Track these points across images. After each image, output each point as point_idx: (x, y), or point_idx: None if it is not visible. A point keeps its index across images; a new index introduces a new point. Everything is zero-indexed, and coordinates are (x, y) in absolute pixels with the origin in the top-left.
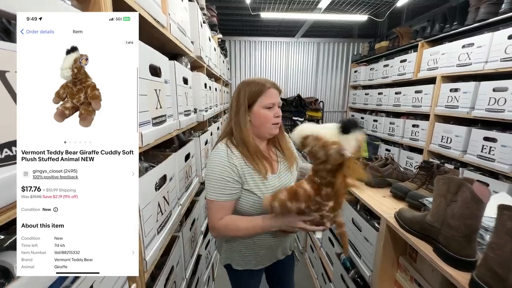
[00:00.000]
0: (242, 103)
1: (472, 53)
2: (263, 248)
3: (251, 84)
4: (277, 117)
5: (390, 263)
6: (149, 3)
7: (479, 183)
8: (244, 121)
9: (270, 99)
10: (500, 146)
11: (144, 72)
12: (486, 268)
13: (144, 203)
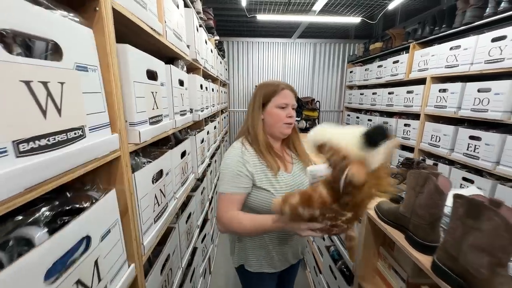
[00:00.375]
0: (256, 102)
1: (459, 55)
2: (275, 248)
3: (267, 85)
4: (289, 117)
5: (372, 253)
6: (146, 15)
7: (443, 176)
8: (257, 118)
9: (283, 99)
10: (484, 144)
11: (142, 76)
12: (443, 250)
13: (142, 194)
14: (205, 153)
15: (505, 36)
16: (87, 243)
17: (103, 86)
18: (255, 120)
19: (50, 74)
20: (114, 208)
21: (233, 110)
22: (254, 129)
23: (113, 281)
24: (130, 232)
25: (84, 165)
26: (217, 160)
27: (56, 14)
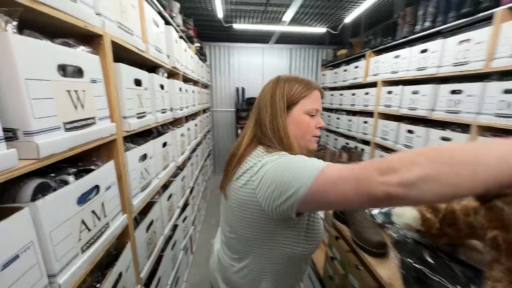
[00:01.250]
0: (279, 102)
1: (399, 63)
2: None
3: (292, 81)
4: (319, 128)
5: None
6: (133, 39)
7: (344, 152)
8: (285, 125)
9: (315, 104)
10: (416, 137)
11: (130, 84)
12: None
13: (131, 168)
14: (185, 146)
15: (427, 49)
16: (97, 190)
17: (105, 92)
18: (285, 127)
19: (77, 85)
20: (112, 173)
21: (216, 110)
22: (289, 140)
23: (113, 220)
24: (123, 192)
25: (95, 141)
26: (198, 154)
27: (79, 49)
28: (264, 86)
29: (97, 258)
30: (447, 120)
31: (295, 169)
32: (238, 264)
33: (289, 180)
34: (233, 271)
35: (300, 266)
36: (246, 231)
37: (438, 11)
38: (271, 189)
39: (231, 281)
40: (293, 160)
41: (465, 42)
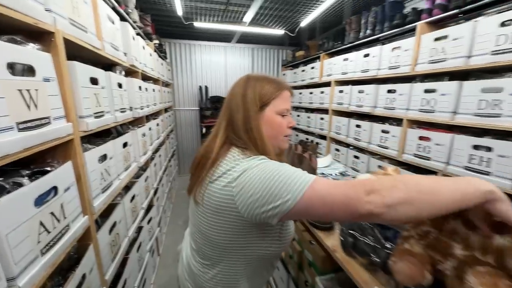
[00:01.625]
0: (252, 103)
1: (347, 65)
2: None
3: (263, 81)
4: (290, 128)
5: None
6: (87, 37)
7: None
8: (260, 125)
9: (286, 104)
10: (363, 130)
11: (86, 82)
12: None
13: (91, 169)
14: (147, 146)
15: (369, 54)
16: (55, 192)
17: (59, 91)
18: (259, 128)
19: (29, 84)
20: (71, 174)
21: (179, 109)
22: (263, 142)
23: (74, 222)
24: (83, 193)
25: (52, 141)
26: (161, 155)
27: (29, 47)
28: (233, 85)
29: (58, 260)
30: (385, 116)
31: (284, 180)
32: (211, 270)
33: (276, 191)
34: (206, 279)
35: (272, 263)
36: (220, 237)
37: (376, 21)
38: (254, 197)
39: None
40: (279, 169)
41: (396, 49)
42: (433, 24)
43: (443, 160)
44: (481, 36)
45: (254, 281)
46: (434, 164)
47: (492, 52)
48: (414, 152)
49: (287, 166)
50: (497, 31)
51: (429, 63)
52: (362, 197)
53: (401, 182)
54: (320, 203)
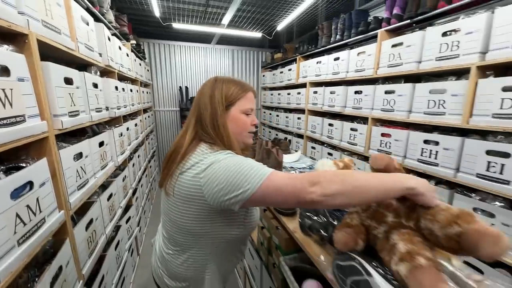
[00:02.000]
0: (219, 102)
1: (321, 67)
2: (229, 274)
3: (229, 83)
4: (254, 125)
5: None
6: (61, 38)
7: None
8: (223, 123)
9: (250, 104)
10: (335, 129)
11: (61, 82)
12: None
13: (66, 166)
14: (125, 146)
15: (339, 57)
16: (31, 186)
17: (33, 90)
18: (225, 125)
19: (4, 84)
20: (46, 170)
21: (158, 109)
22: (229, 138)
23: (50, 216)
24: (59, 189)
25: (27, 138)
26: (140, 155)
27: (3, 48)
28: (202, 86)
29: (34, 251)
30: (354, 115)
31: (245, 172)
32: (182, 256)
33: (238, 182)
34: (177, 264)
35: (239, 247)
36: (189, 223)
37: (345, 27)
38: (219, 187)
39: (176, 275)
40: (242, 163)
41: (361, 53)
42: (392, 32)
43: (401, 154)
44: (429, 44)
45: (222, 265)
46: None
47: (437, 58)
48: (378, 148)
49: (249, 161)
50: (440, 40)
51: (388, 67)
52: (307, 188)
53: (339, 177)
54: (274, 193)
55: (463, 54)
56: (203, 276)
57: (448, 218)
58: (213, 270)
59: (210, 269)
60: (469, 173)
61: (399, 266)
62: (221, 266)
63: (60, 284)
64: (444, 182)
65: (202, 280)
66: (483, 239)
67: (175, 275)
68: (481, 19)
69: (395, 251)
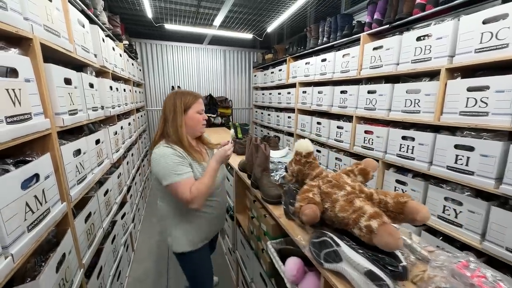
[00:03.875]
0: (179, 109)
1: (309, 68)
2: (206, 223)
3: (186, 95)
4: (204, 120)
5: (241, 194)
6: (61, 41)
7: (267, 145)
8: (181, 122)
9: (201, 106)
10: (322, 127)
11: (61, 82)
12: (253, 173)
13: (67, 161)
14: (119, 144)
15: (326, 59)
16: (37, 178)
17: (38, 90)
18: (180, 124)
19: (14, 84)
20: (49, 164)
21: (151, 109)
22: (179, 133)
23: (54, 206)
24: (61, 182)
25: (34, 134)
26: (134, 153)
27: (10, 52)
28: (167, 97)
29: (41, 238)
30: (340, 113)
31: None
32: (162, 203)
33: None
34: (161, 211)
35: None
36: (156, 183)
37: (331, 30)
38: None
39: (162, 217)
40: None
41: (346, 55)
42: (374, 36)
43: (382, 150)
44: (405, 47)
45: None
46: (376, 153)
47: (412, 61)
48: (362, 144)
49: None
50: (415, 44)
51: (370, 68)
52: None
53: (197, 189)
54: (175, 193)
55: (434, 57)
56: (169, 218)
57: (397, 194)
58: (176, 214)
59: (175, 213)
60: (441, 166)
61: (371, 221)
62: (183, 214)
63: (64, 270)
64: (421, 175)
65: (169, 222)
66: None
67: (161, 216)
68: (448, 26)
69: (364, 211)
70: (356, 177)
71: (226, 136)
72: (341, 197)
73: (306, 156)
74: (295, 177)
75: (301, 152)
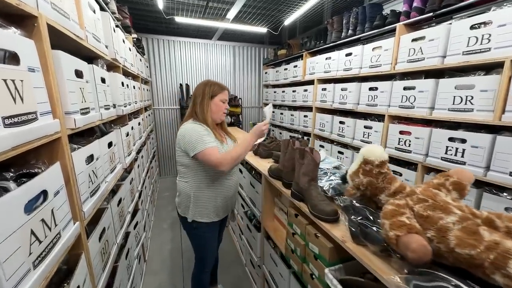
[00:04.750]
0: (207, 94)
1: (330, 64)
2: (222, 200)
3: (215, 84)
4: (226, 109)
5: (270, 202)
6: (70, 25)
7: (316, 150)
8: (207, 105)
9: (225, 96)
10: (346, 126)
11: (72, 75)
12: (294, 182)
13: (79, 171)
14: (131, 146)
15: (351, 53)
16: (45, 196)
17: (44, 83)
18: (206, 106)
19: (14, 74)
20: (59, 176)
21: (158, 108)
22: (204, 113)
23: (65, 229)
24: (73, 198)
25: (40, 139)
26: (143, 156)
27: (10, 31)
28: (199, 84)
29: (51, 273)
30: (368, 112)
31: (190, 141)
32: (182, 179)
33: (189, 143)
34: (180, 185)
35: (219, 180)
36: (181, 158)
37: (357, 22)
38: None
39: (180, 191)
40: (191, 133)
41: (377, 48)
42: (410, 26)
43: (422, 152)
44: (455, 38)
45: (206, 188)
46: (414, 156)
47: (464, 52)
48: (395, 146)
49: (200, 135)
50: (468, 33)
51: (407, 62)
52: (216, 159)
53: (232, 156)
54: (205, 160)
55: (495, 48)
56: (189, 193)
57: None
58: (196, 189)
59: (194, 189)
60: (502, 172)
61: None
62: (202, 189)
63: None
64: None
65: (189, 195)
66: None
67: (179, 191)
68: None
69: (508, 249)
70: (449, 193)
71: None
72: (453, 225)
73: (379, 165)
74: (362, 191)
75: (372, 160)
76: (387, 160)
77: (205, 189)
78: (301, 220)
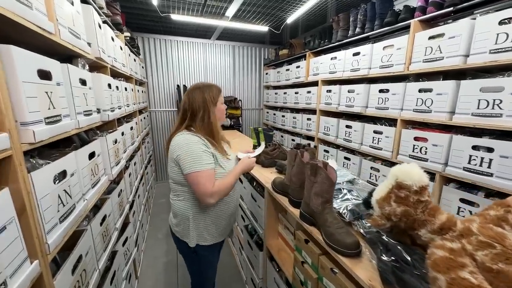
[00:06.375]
0: (210, 101)
1: (336, 64)
2: (225, 219)
3: (211, 87)
4: (225, 109)
5: (274, 219)
6: (33, 14)
7: (331, 167)
8: (214, 116)
9: (222, 97)
10: (353, 131)
11: (32, 76)
12: (304, 202)
13: (42, 194)
14: (120, 154)
15: (359, 52)
16: None
17: None
18: (212, 116)
19: None
20: (8, 206)
21: (154, 110)
22: (213, 126)
23: (14, 275)
24: (30, 230)
25: None
26: (136, 162)
27: None
28: (192, 92)
29: None
30: (378, 116)
31: (189, 156)
32: (177, 198)
33: (186, 161)
34: (175, 205)
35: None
36: (175, 176)
37: (366, 19)
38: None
39: (175, 212)
40: (191, 149)
41: (388, 47)
42: (426, 23)
43: (441, 161)
44: (480, 35)
45: (203, 208)
46: (432, 165)
47: (491, 51)
48: (409, 153)
49: (197, 155)
50: (497, 29)
51: (423, 62)
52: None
53: (221, 184)
54: (195, 184)
55: None
56: (188, 214)
57: None
58: (196, 210)
59: (194, 209)
60: None
61: None
62: (203, 209)
63: None
64: (494, 194)
65: (188, 217)
66: None
67: (174, 212)
68: None
69: None
70: None
71: (240, 140)
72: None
73: (418, 192)
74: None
75: (409, 185)
76: (428, 185)
77: (206, 208)
78: (313, 248)
